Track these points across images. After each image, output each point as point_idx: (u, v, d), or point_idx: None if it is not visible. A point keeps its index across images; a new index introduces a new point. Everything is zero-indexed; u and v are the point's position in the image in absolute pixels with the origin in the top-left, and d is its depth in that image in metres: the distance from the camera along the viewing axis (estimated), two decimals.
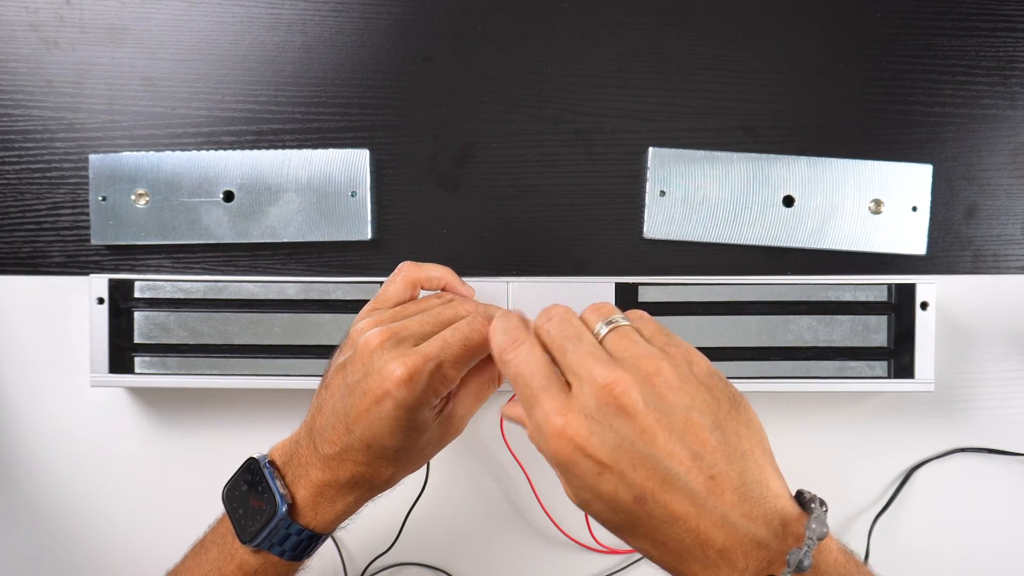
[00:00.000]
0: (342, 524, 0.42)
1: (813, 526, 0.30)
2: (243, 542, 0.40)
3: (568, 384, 0.33)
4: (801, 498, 0.32)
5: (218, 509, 0.56)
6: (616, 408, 0.31)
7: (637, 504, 0.31)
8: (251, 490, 0.40)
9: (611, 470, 0.31)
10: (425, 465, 0.55)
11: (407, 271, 0.43)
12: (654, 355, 0.33)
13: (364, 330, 0.39)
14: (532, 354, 0.34)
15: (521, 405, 0.34)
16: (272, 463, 0.40)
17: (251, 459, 0.41)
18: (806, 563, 0.29)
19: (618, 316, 0.35)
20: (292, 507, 0.39)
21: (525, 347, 0.34)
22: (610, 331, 0.35)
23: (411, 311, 0.41)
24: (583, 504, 0.33)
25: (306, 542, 0.41)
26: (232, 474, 0.41)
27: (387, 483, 0.41)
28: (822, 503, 0.31)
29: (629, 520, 0.32)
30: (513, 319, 0.36)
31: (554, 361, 0.34)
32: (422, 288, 0.44)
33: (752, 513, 0.31)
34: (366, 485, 0.40)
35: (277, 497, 0.39)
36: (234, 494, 0.41)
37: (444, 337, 0.38)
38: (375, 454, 0.39)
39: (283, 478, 0.40)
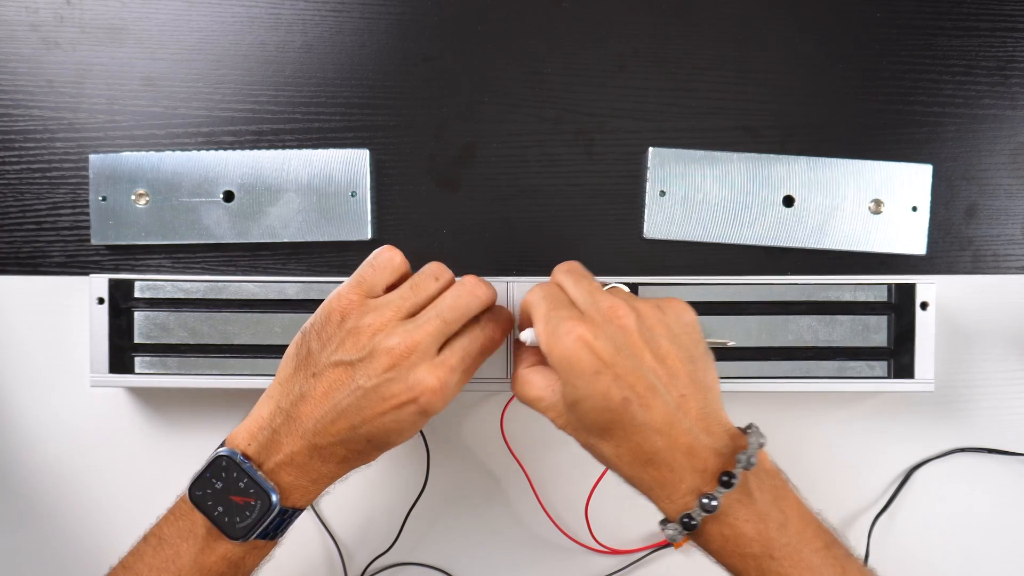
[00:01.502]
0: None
1: (753, 438, 0.39)
2: (234, 538, 0.39)
3: None
4: (741, 428, 0.40)
5: None
6: (616, 326, 0.39)
7: (623, 405, 0.37)
8: (229, 487, 0.39)
9: (609, 370, 0.37)
10: (425, 465, 0.55)
11: (397, 261, 0.43)
12: (649, 303, 0.41)
13: (379, 330, 0.39)
14: (545, 287, 0.42)
15: (535, 324, 0.40)
16: (247, 456, 0.40)
17: (220, 456, 0.40)
18: (753, 461, 0.37)
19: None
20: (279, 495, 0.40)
21: (545, 285, 0.42)
22: (612, 287, 0.44)
23: (418, 302, 0.41)
24: (574, 404, 0.38)
25: (290, 519, 0.42)
26: (196, 474, 0.40)
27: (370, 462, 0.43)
28: (758, 429, 0.39)
29: (611, 421, 0.38)
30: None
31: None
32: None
33: (710, 429, 0.39)
34: (354, 464, 0.42)
35: (267, 490, 0.39)
36: (206, 492, 0.40)
37: (465, 348, 0.41)
38: (375, 447, 0.41)
39: (261, 467, 0.40)
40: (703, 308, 0.51)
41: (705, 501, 0.37)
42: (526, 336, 0.44)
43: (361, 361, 0.39)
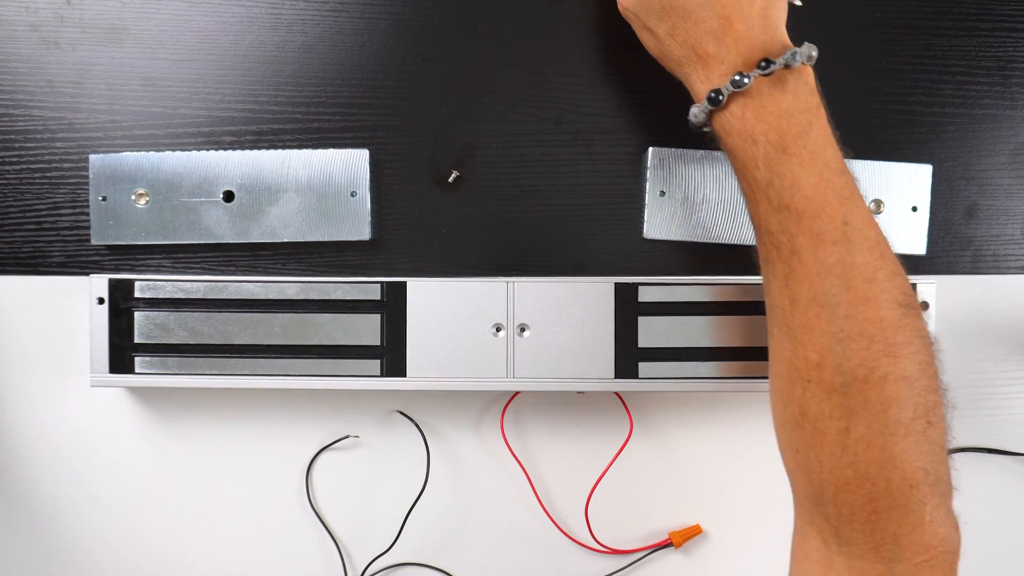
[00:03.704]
0: None
1: (804, 47, 0.39)
2: None
3: None
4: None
5: (216, 510, 0.56)
6: None
7: None
8: None
9: None
10: (425, 465, 0.55)
11: None
12: None
13: None
14: None
15: None
16: None
17: None
18: (797, 60, 0.39)
19: None
20: None
21: None
22: None
23: None
24: None
25: None
26: None
27: None
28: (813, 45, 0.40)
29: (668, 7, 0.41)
30: None
31: None
32: None
33: (767, 27, 0.40)
34: None
35: None
36: None
37: None
38: None
39: None
40: (703, 308, 0.51)
41: (737, 78, 0.39)
42: None
43: None
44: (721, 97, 0.40)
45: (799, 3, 0.46)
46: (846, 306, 0.37)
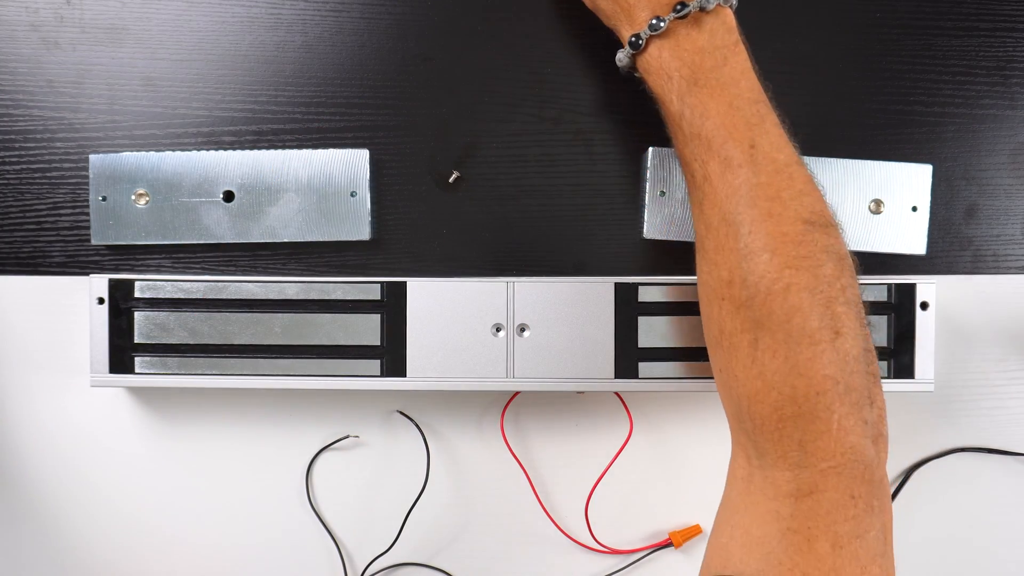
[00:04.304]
0: None
1: None
2: None
3: None
4: None
5: (216, 510, 0.56)
6: None
7: None
8: None
9: None
10: (425, 465, 0.55)
11: None
12: None
13: None
14: None
15: None
16: None
17: None
18: (710, 4, 0.41)
19: None
20: None
21: None
22: None
23: None
24: None
25: None
26: None
27: None
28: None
29: None
30: None
31: None
32: None
33: None
34: None
35: None
36: None
37: None
38: None
39: None
40: None
41: (654, 22, 0.42)
42: None
43: None
44: (640, 41, 0.43)
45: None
46: (749, 223, 0.39)
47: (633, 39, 0.43)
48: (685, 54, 0.42)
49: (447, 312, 0.50)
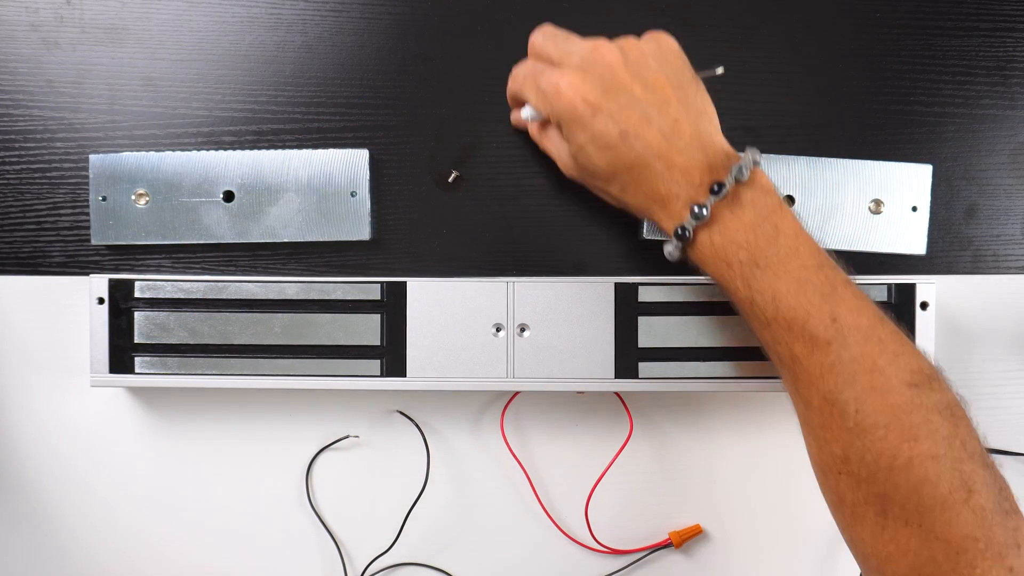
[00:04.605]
0: None
1: (748, 154, 0.40)
2: None
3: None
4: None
5: (216, 510, 0.56)
6: (602, 65, 0.41)
7: (621, 139, 0.40)
8: None
9: (602, 110, 0.40)
10: (425, 465, 0.55)
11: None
12: (629, 38, 0.43)
13: None
14: (526, 62, 0.47)
15: (526, 95, 0.46)
16: None
17: None
18: (745, 174, 0.39)
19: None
20: None
21: (524, 61, 0.47)
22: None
23: None
24: (578, 152, 0.43)
25: None
26: None
27: None
28: (755, 149, 0.40)
29: (614, 160, 0.41)
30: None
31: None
32: None
33: (705, 148, 0.41)
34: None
35: None
36: None
37: None
38: None
39: None
40: (702, 309, 0.51)
41: (696, 210, 0.39)
42: (526, 113, 0.48)
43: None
44: (688, 232, 0.40)
45: (720, 72, 0.45)
46: (854, 402, 0.37)
47: (680, 231, 0.40)
48: (737, 235, 0.39)
49: (447, 312, 0.50)
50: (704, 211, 0.39)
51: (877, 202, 0.53)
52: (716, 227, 0.40)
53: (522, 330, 0.51)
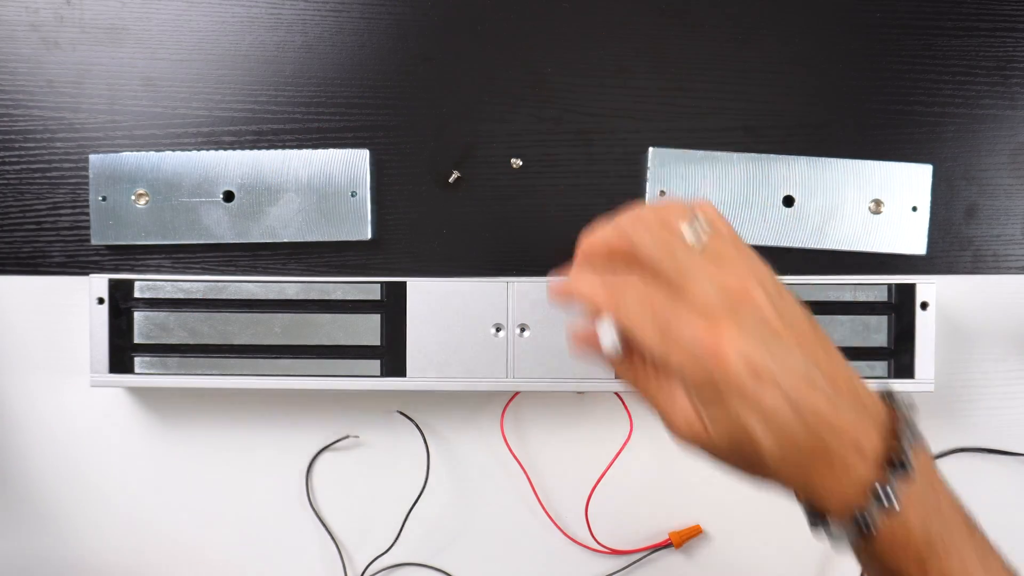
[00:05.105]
0: None
1: (902, 405, 0.31)
2: None
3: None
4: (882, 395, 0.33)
5: (216, 510, 0.56)
6: (750, 305, 0.30)
7: (795, 414, 0.29)
8: None
9: (765, 376, 0.29)
10: (425, 465, 0.55)
11: None
12: (728, 241, 0.33)
13: None
14: (618, 273, 0.33)
15: (627, 321, 0.31)
16: None
17: None
18: (916, 434, 0.30)
19: (697, 215, 0.33)
20: None
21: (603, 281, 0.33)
22: (698, 234, 0.33)
23: None
24: (733, 430, 0.30)
25: None
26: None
27: None
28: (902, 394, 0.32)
29: (785, 440, 0.30)
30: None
31: (649, 273, 0.32)
32: None
33: (864, 403, 0.31)
34: None
35: None
36: None
37: None
38: None
39: None
40: None
41: (881, 494, 0.30)
42: (607, 340, 0.33)
43: None
44: (871, 523, 0.30)
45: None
46: None
47: (862, 520, 0.30)
48: (912, 515, 0.30)
49: (447, 312, 0.50)
50: (891, 495, 0.29)
51: (877, 202, 0.53)
52: (896, 511, 0.30)
53: (522, 330, 0.51)
